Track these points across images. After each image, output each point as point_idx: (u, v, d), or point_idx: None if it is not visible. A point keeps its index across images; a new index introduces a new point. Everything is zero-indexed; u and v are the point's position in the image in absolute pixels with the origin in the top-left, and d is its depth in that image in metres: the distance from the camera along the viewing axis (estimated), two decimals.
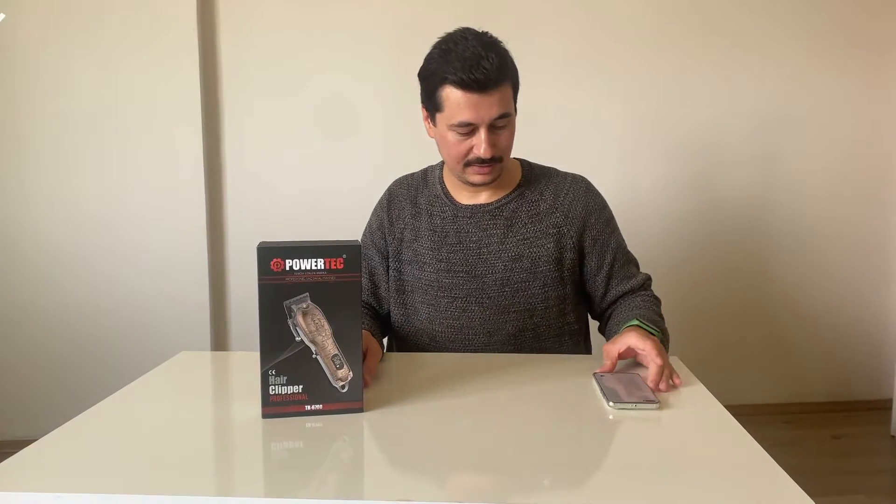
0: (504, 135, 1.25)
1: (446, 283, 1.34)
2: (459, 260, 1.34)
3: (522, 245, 1.33)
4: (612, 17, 2.58)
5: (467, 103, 1.19)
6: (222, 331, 2.65)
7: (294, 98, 2.55)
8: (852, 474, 2.29)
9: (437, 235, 1.36)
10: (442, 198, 1.38)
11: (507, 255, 1.32)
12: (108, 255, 2.51)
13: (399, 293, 1.40)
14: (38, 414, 2.48)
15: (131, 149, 2.49)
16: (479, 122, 1.20)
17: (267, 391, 0.92)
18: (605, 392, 1.00)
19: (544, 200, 1.36)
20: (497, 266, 1.32)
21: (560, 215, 1.34)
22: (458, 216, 1.35)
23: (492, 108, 1.19)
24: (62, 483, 0.75)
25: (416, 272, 1.37)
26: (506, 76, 1.21)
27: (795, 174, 2.70)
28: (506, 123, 1.23)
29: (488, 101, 1.19)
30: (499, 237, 1.33)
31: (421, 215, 1.39)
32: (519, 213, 1.34)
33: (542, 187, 1.37)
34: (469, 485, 0.77)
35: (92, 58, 2.43)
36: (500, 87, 1.20)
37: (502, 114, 1.21)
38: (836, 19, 2.64)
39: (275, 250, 0.90)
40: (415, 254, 1.37)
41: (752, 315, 2.76)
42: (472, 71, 1.16)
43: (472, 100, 1.18)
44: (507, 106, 1.22)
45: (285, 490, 0.75)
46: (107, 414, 0.97)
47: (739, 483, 0.76)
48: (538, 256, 1.32)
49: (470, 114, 1.20)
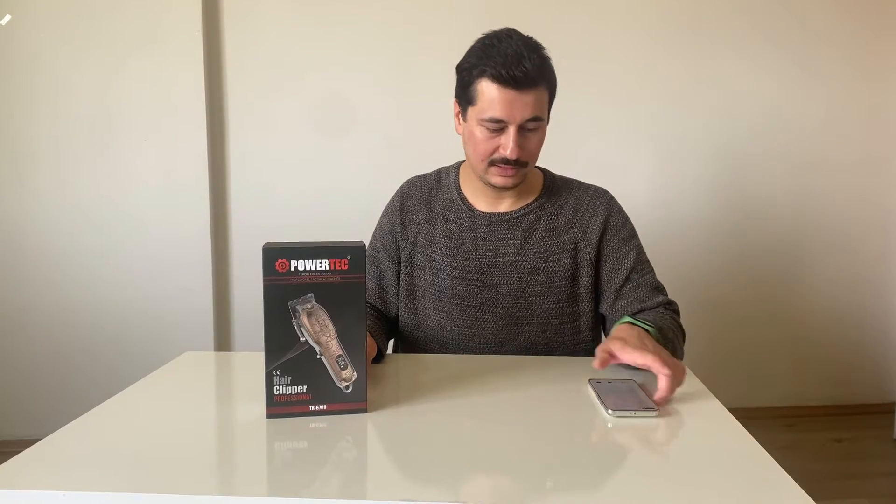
0: (533, 139, 1.22)
1: (460, 291, 1.32)
2: (475, 268, 1.31)
3: (538, 258, 1.31)
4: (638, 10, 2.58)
5: (501, 99, 1.16)
6: (225, 332, 2.66)
7: (298, 99, 2.56)
8: (854, 478, 2.28)
9: (454, 242, 1.33)
10: (459, 203, 1.35)
11: (523, 268, 1.30)
12: (112, 256, 2.52)
13: (410, 298, 1.38)
14: (44, 414, 2.49)
15: (135, 150, 2.50)
16: (511, 121, 1.18)
17: (271, 391, 0.93)
18: (602, 399, 0.99)
19: (563, 214, 1.33)
20: (512, 277, 1.31)
21: (578, 230, 1.32)
22: (475, 224, 1.33)
23: (525, 108, 1.17)
24: (67, 481, 0.75)
25: (430, 278, 1.35)
26: (544, 80, 1.19)
27: (795, 180, 2.70)
28: (536, 127, 1.21)
29: (523, 100, 1.17)
30: (515, 248, 1.31)
31: (436, 220, 1.36)
32: (537, 225, 1.32)
33: (563, 200, 1.34)
34: (472, 486, 0.77)
35: (96, 59, 2.45)
36: (537, 90, 1.18)
37: (535, 116, 1.19)
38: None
39: (280, 251, 0.91)
40: (429, 259, 1.35)
41: (755, 318, 2.76)
42: (511, 67, 1.14)
43: (508, 96, 1.16)
44: (541, 110, 1.20)
45: (289, 490, 0.75)
46: (111, 413, 0.98)
47: (743, 486, 0.76)
48: (554, 271, 1.31)
49: (502, 110, 1.17)
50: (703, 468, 0.81)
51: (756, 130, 2.67)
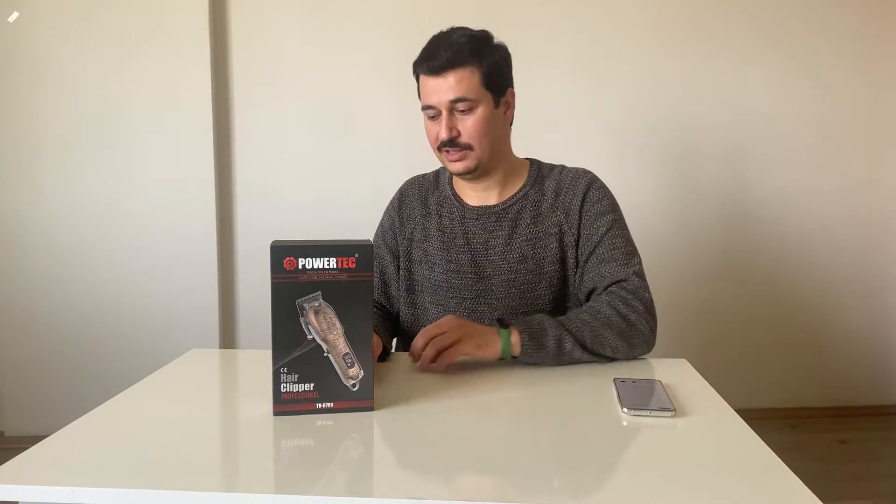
0: (469, 120, 1.24)
1: (455, 284, 1.35)
2: (467, 261, 1.34)
3: (526, 246, 1.32)
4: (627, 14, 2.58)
5: (426, 87, 1.25)
6: (230, 331, 2.66)
7: (304, 97, 2.56)
8: (859, 479, 2.28)
9: (447, 236, 1.37)
10: (451, 199, 1.40)
11: (513, 257, 1.32)
12: (118, 254, 2.53)
13: (409, 293, 1.41)
14: (53, 410, 2.51)
15: (140, 148, 2.50)
16: (439, 105, 1.23)
17: (279, 389, 0.93)
18: (620, 398, 0.99)
19: (546, 200, 1.35)
20: (503, 267, 1.33)
21: (561, 213, 1.33)
22: (465, 217, 1.37)
23: (448, 90, 1.22)
24: (76, 477, 0.76)
25: (426, 272, 1.38)
26: (465, 61, 1.21)
27: (802, 180, 2.70)
28: (467, 108, 1.23)
29: (443, 84, 1.22)
30: (504, 239, 1.33)
31: (431, 216, 1.41)
32: (523, 214, 1.34)
33: (546, 186, 1.36)
34: (478, 484, 0.77)
35: (102, 57, 2.45)
36: (457, 71, 1.21)
37: (459, 97, 1.22)
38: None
39: (288, 249, 0.91)
40: (424, 254, 1.39)
41: (759, 319, 2.75)
42: (428, 57, 1.23)
43: (430, 83, 1.24)
44: (466, 90, 1.22)
45: (295, 487, 0.75)
46: (118, 410, 0.98)
47: (751, 488, 0.76)
48: (543, 257, 1.32)
49: (427, 96, 1.25)
50: (710, 469, 0.80)
51: (759, 132, 2.66)
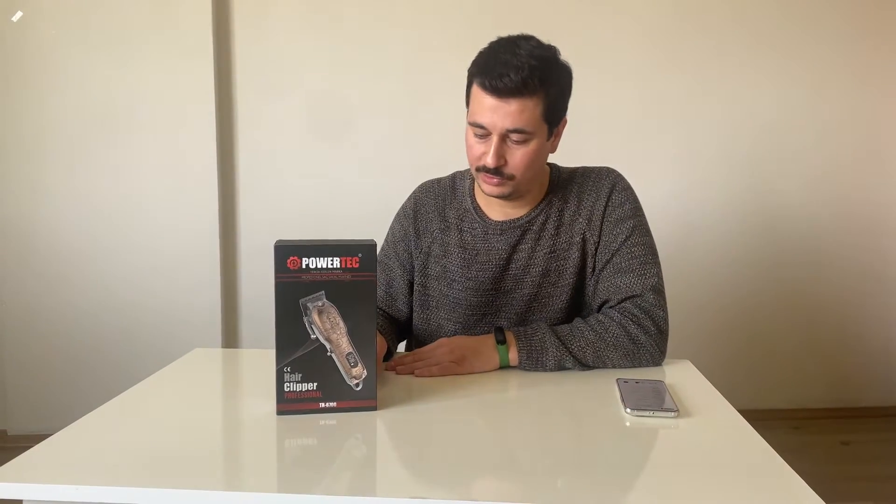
0: (518, 152, 1.16)
1: (474, 302, 1.30)
2: (489, 278, 1.29)
3: (549, 258, 1.27)
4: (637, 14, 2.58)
5: (484, 105, 1.13)
6: (233, 330, 2.67)
7: (307, 96, 2.57)
8: (861, 480, 2.28)
9: (468, 253, 1.30)
10: (472, 213, 1.32)
11: (536, 271, 1.28)
12: (122, 252, 2.53)
13: (423, 309, 1.35)
14: (56, 409, 2.51)
15: (144, 147, 2.50)
16: (492, 129, 1.14)
17: (282, 388, 0.93)
18: (623, 398, 0.99)
19: (569, 207, 1.28)
20: (525, 282, 1.28)
21: (584, 219, 1.27)
22: (488, 233, 1.30)
23: (507, 117, 1.12)
24: (80, 475, 0.76)
25: (444, 289, 1.32)
26: (533, 91, 1.11)
27: (805, 182, 2.69)
28: (521, 140, 1.14)
29: (505, 109, 1.12)
30: (527, 252, 1.28)
31: (450, 230, 1.33)
32: (547, 225, 1.28)
33: (568, 192, 1.29)
34: (481, 484, 0.77)
35: (107, 57, 2.45)
36: (522, 100, 1.11)
37: (518, 128, 1.13)
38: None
39: (292, 248, 0.91)
40: (443, 270, 1.32)
41: (762, 320, 2.75)
42: (496, 75, 1.10)
43: (490, 103, 1.13)
44: (526, 122, 1.13)
45: (298, 486, 0.75)
46: (122, 409, 0.98)
47: (752, 487, 0.76)
48: (564, 269, 1.27)
49: (483, 116, 1.14)
50: (713, 469, 0.80)
51: (768, 136, 2.66)
